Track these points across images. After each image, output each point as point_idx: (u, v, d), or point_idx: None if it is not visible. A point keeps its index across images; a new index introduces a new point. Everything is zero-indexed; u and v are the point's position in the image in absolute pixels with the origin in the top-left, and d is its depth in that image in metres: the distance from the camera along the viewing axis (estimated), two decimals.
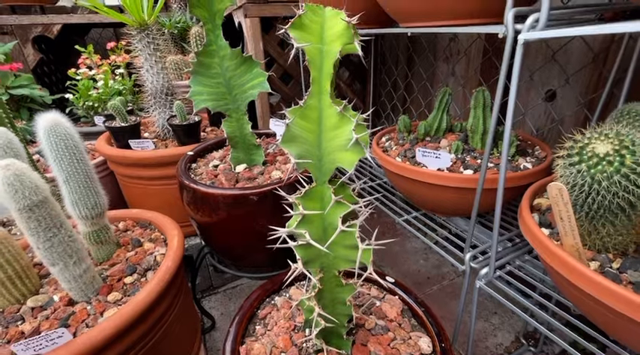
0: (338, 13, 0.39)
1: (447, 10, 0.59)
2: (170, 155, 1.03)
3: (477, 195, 0.64)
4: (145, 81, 1.11)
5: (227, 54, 0.76)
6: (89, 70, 1.67)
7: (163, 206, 1.11)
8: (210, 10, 0.71)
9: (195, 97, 0.79)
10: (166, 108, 1.14)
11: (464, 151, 0.78)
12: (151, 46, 1.06)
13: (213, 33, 0.74)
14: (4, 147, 0.67)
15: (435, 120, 0.88)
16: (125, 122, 1.07)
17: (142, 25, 1.02)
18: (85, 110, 1.52)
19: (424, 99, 1.32)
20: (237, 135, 0.87)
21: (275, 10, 1.20)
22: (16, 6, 1.77)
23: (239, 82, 0.80)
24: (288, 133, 0.42)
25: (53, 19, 1.88)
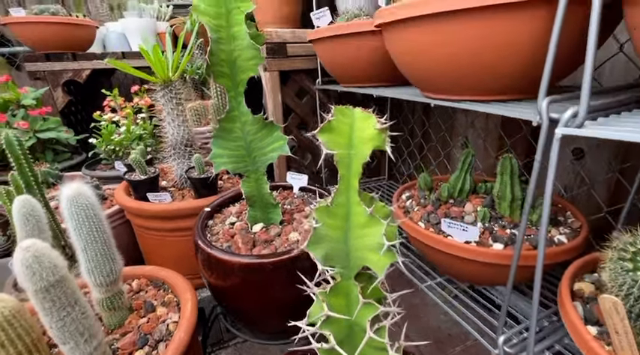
0: (369, 117, 0.38)
1: (474, 86, 0.58)
2: (187, 208, 1.02)
3: (511, 273, 0.59)
4: (166, 133, 1.14)
5: (249, 120, 0.77)
6: (113, 113, 1.74)
7: (178, 257, 1.10)
8: (234, 79, 0.73)
9: (215, 160, 0.80)
10: (185, 158, 1.16)
11: (491, 219, 0.74)
12: (174, 101, 1.09)
13: (235, 100, 0.75)
14: (27, 216, 0.68)
15: (457, 181, 0.85)
16: (144, 174, 1.08)
17: (166, 82, 1.06)
18: (107, 153, 1.56)
19: (443, 148, 1.31)
20: (255, 195, 0.86)
21: (294, 64, 1.23)
22: (51, 54, 1.89)
23: (259, 145, 0.80)
24: (315, 236, 0.40)
25: (83, 65, 1.99)
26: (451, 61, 0.55)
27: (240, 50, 0.69)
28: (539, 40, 0.48)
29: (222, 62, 0.70)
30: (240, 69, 0.71)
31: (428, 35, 0.54)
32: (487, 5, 0.45)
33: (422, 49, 0.57)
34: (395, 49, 0.67)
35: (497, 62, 0.52)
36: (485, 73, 0.54)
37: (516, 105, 0.57)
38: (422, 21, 0.52)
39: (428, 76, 0.63)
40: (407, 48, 0.61)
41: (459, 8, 0.47)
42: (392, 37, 0.64)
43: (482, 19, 0.47)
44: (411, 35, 0.56)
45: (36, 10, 1.76)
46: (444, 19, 0.50)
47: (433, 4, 0.49)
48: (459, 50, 0.53)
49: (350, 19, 1.00)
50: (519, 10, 0.45)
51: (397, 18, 0.56)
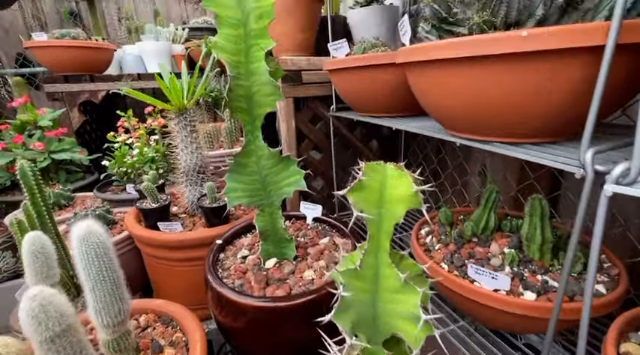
0: (402, 176, 0.35)
1: (504, 128, 0.55)
2: (198, 238, 1.00)
3: (550, 327, 0.54)
4: (179, 159, 1.13)
5: (265, 154, 0.75)
6: (126, 133, 1.75)
7: (187, 287, 1.07)
8: (251, 114, 0.71)
9: (229, 194, 0.77)
10: (197, 185, 1.14)
11: (520, 262, 0.70)
12: (188, 128, 1.08)
13: (252, 134, 0.73)
14: (36, 253, 0.66)
15: (481, 218, 0.81)
16: (156, 202, 1.06)
17: (181, 110, 1.06)
18: (119, 175, 1.56)
19: (460, 176, 1.27)
20: (269, 229, 0.83)
21: (308, 91, 1.22)
22: (70, 76, 1.93)
23: (275, 179, 0.78)
24: (343, 304, 0.36)
25: (99, 86, 2.03)
26: (480, 103, 0.52)
27: (259, 85, 0.68)
28: (578, 84, 0.45)
29: (239, 97, 0.69)
30: (258, 104, 0.70)
31: (457, 77, 0.52)
32: (524, 52, 0.43)
33: (449, 90, 0.55)
34: (418, 86, 0.64)
35: (531, 106, 0.49)
36: (517, 115, 0.51)
37: (551, 148, 0.53)
38: (452, 63, 0.50)
39: (454, 116, 0.60)
40: (432, 87, 0.59)
41: (493, 53, 0.45)
42: (415, 75, 0.62)
43: (517, 64, 0.45)
44: (438, 76, 0.54)
45: (57, 34, 1.81)
46: (477, 62, 0.47)
47: (465, 47, 0.47)
48: (489, 93, 0.50)
49: (367, 49, 0.99)
50: (558, 57, 0.43)
51: (424, 59, 0.54)
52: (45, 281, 0.68)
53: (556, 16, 0.49)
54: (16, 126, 1.65)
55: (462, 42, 0.47)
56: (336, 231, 0.99)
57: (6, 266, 1.47)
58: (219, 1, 0.62)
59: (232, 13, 0.63)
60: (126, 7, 2.51)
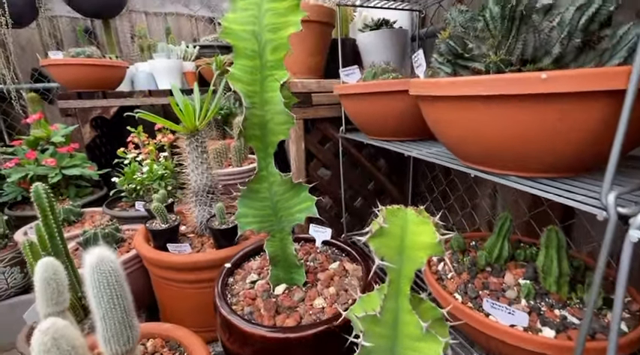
0: (425, 223, 0.35)
1: (520, 162, 0.55)
2: (206, 261, 0.99)
3: None
4: (189, 179, 1.14)
5: (277, 180, 0.75)
6: (136, 149, 1.77)
7: (195, 309, 1.06)
8: (264, 141, 0.72)
9: (240, 219, 0.77)
10: (207, 205, 1.14)
11: (536, 295, 0.68)
12: (199, 149, 1.09)
13: (264, 160, 0.74)
14: (49, 280, 0.66)
15: (494, 247, 0.80)
16: (165, 222, 1.07)
17: (193, 131, 1.07)
18: (128, 191, 1.57)
19: (470, 199, 1.26)
20: (279, 255, 0.82)
21: (318, 113, 1.23)
22: (83, 92, 1.97)
23: (286, 205, 0.78)
24: (363, 351, 0.35)
25: (111, 102, 2.07)
26: (496, 138, 0.52)
27: (273, 114, 0.69)
28: (597, 125, 0.45)
29: (253, 125, 0.70)
30: (272, 132, 0.71)
31: (472, 112, 0.52)
32: (545, 93, 0.43)
33: (464, 124, 0.55)
34: (432, 118, 0.64)
35: (548, 143, 0.49)
36: (533, 151, 0.51)
37: (569, 184, 0.53)
38: (467, 100, 0.50)
39: (468, 149, 0.60)
40: (446, 120, 0.59)
41: (511, 94, 0.45)
42: (429, 107, 0.62)
43: (535, 104, 0.45)
44: (453, 110, 0.54)
45: (73, 53, 1.86)
46: (494, 101, 0.48)
47: (482, 86, 0.47)
48: (506, 129, 0.50)
49: (377, 74, 1.00)
50: (578, 99, 0.42)
51: (439, 94, 0.54)
52: (55, 307, 0.68)
53: (572, 55, 0.49)
54: (30, 142, 1.68)
55: (479, 80, 0.48)
56: (345, 254, 0.98)
57: (14, 282, 1.47)
58: (236, 34, 0.64)
59: (249, 45, 0.64)
60: (139, 25, 2.58)
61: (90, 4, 2.10)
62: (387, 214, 0.35)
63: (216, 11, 2.96)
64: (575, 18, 0.46)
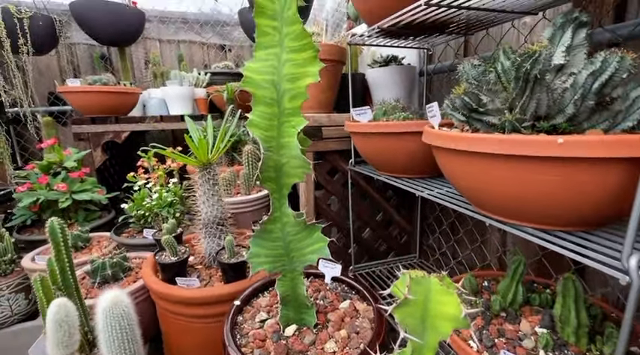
0: (449, 294, 0.35)
1: (538, 215, 0.55)
2: (215, 296, 0.98)
3: None
4: (200, 211, 1.14)
5: (290, 221, 0.75)
6: (146, 173, 1.79)
7: (202, 344, 1.04)
8: (279, 183, 0.73)
9: (252, 259, 0.77)
10: (216, 237, 1.15)
11: (555, 347, 0.66)
12: (211, 182, 1.11)
13: (278, 201, 0.75)
14: (60, 322, 0.66)
15: (508, 291, 0.78)
16: (174, 255, 1.07)
17: (205, 165, 1.09)
18: (137, 217, 1.58)
19: (480, 234, 1.25)
20: (290, 295, 0.82)
21: (328, 146, 1.25)
22: (96, 117, 2.02)
23: (298, 246, 0.78)
24: None
25: (123, 127, 2.11)
26: (511, 193, 0.53)
27: (289, 158, 0.70)
28: (616, 187, 0.45)
29: (269, 168, 0.71)
30: (287, 174, 0.72)
31: (487, 167, 0.52)
32: (571, 157, 0.43)
33: (478, 177, 0.55)
34: (446, 167, 0.65)
35: (565, 201, 0.49)
36: (550, 207, 0.51)
37: (587, 239, 0.53)
38: (487, 157, 0.51)
39: (485, 200, 0.61)
40: (460, 171, 0.60)
41: (527, 155, 0.46)
42: (443, 156, 0.63)
43: (552, 165, 0.46)
44: (467, 163, 0.55)
45: (90, 80, 1.93)
46: (510, 159, 0.48)
47: (498, 146, 0.48)
48: (522, 186, 0.50)
49: (387, 112, 1.02)
50: (596, 163, 0.43)
51: (454, 148, 0.55)
52: (65, 350, 0.67)
53: (586, 115, 0.51)
54: (43, 167, 1.72)
55: (498, 140, 0.49)
56: (355, 292, 0.97)
57: (18, 309, 1.46)
58: (256, 83, 0.66)
59: (268, 94, 0.66)
60: (153, 52, 2.67)
61: (108, 34, 2.19)
62: (412, 285, 0.35)
63: (227, 39, 3.07)
64: (588, 82, 0.47)
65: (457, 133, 0.55)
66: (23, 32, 1.96)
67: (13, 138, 2.59)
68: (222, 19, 2.98)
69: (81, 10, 2.12)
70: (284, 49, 0.66)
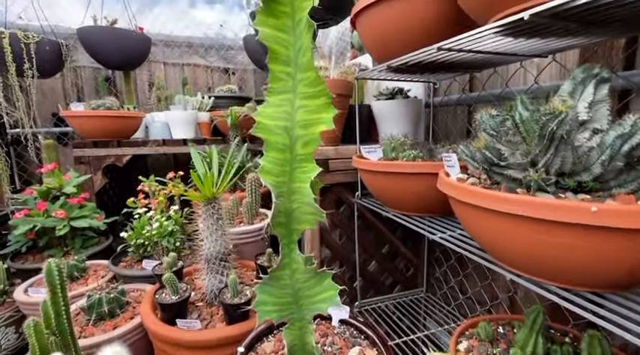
0: None
1: (568, 277, 0.52)
2: (217, 339, 0.94)
3: None
4: (202, 246, 1.11)
5: (300, 268, 0.72)
6: (145, 198, 1.76)
7: None
8: (289, 228, 0.70)
9: (259, 307, 0.73)
10: (218, 273, 1.11)
11: None
12: (215, 216, 1.08)
13: (288, 247, 0.72)
14: None
15: (527, 342, 0.75)
16: (175, 293, 1.02)
17: (210, 200, 1.06)
18: (136, 247, 1.54)
19: (491, 272, 1.21)
20: (297, 344, 0.77)
21: (334, 178, 1.24)
22: (99, 141, 2.01)
23: (307, 293, 0.74)
24: None
25: (125, 151, 2.10)
26: (538, 253, 0.50)
27: (300, 204, 0.68)
28: None
29: (279, 213, 0.69)
30: (297, 220, 0.69)
31: (515, 227, 0.50)
32: (595, 226, 0.41)
33: (504, 237, 0.53)
34: (468, 222, 0.63)
35: (598, 264, 0.47)
36: (579, 269, 0.49)
37: (615, 302, 0.50)
38: (515, 218, 0.49)
39: (506, 254, 0.58)
40: (484, 227, 0.57)
41: (555, 220, 0.44)
42: (465, 211, 0.61)
43: (584, 231, 0.44)
44: (495, 221, 0.53)
45: (94, 105, 1.93)
46: (537, 222, 0.46)
47: (524, 208, 0.46)
48: (546, 248, 0.48)
49: (396, 148, 1.01)
50: (629, 234, 0.41)
51: (475, 203, 0.53)
52: None
53: (613, 174, 0.49)
54: (42, 193, 1.68)
55: (523, 202, 0.47)
56: (365, 337, 0.92)
57: (7, 343, 1.40)
58: (268, 129, 0.65)
59: (280, 140, 0.65)
60: (157, 75, 2.69)
61: (114, 59, 2.21)
62: None
63: (231, 62, 3.11)
64: (616, 143, 0.46)
65: (480, 190, 0.53)
66: (29, 57, 1.97)
67: (12, 160, 2.56)
68: (226, 43, 3.03)
69: (88, 35, 2.15)
70: (297, 95, 0.65)
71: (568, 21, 0.56)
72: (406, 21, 0.88)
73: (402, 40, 0.91)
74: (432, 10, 0.85)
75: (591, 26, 0.60)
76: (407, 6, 0.87)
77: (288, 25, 0.64)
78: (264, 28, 0.62)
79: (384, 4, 0.88)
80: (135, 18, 2.53)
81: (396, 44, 0.91)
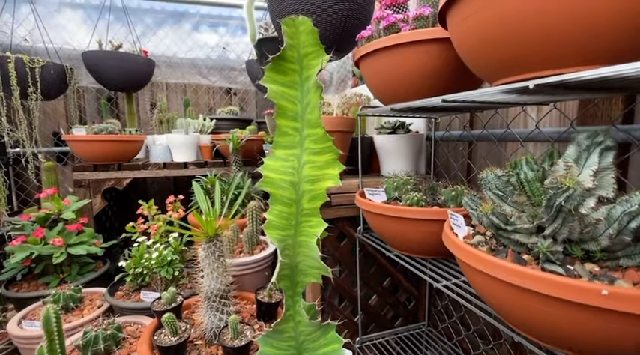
0: None
1: (575, 344, 0.51)
2: None
3: None
4: (202, 284, 1.09)
5: (303, 320, 0.71)
6: (145, 223, 1.74)
7: None
8: (293, 281, 0.70)
9: None
10: (218, 311, 1.09)
11: None
12: (216, 254, 1.07)
13: (292, 299, 0.71)
14: None
15: None
16: (175, 334, 1.00)
17: (212, 238, 1.06)
18: (134, 276, 1.52)
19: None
20: None
21: (337, 213, 1.23)
22: (99, 165, 2.01)
23: (311, 346, 0.73)
24: None
25: (125, 174, 2.10)
26: (553, 324, 0.50)
27: (304, 256, 0.68)
28: None
29: (284, 266, 0.68)
30: (302, 273, 0.69)
31: (527, 300, 0.50)
32: (605, 309, 0.41)
33: (516, 305, 0.53)
34: (474, 281, 0.62)
35: (612, 341, 0.46)
36: (596, 342, 0.48)
37: None
38: (525, 291, 0.49)
39: (518, 321, 0.58)
40: (494, 293, 0.57)
41: (571, 300, 0.44)
42: (478, 278, 0.60)
43: (606, 314, 0.43)
44: (504, 290, 0.53)
45: (96, 129, 1.93)
46: (556, 301, 0.46)
47: (537, 283, 0.46)
48: (567, 323, 0.48)
49: (399, 187, 1.01)
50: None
51: (486, 272, 0.53)
52: None
53: (620, 246, 0.49)
54: (40, 219, 1.67)
55: (531, 276, 0.47)
56: None
57: None
58: (275, 183, 0.65)
59: (286, 194, 0.65)
60: (160, 97, 2.72)
61: (118, 82, 2.24)
62: None
63: (233, 83, 3.14)
64: (624, 219, 0.46)
65: (488, 258, 0.53)
66: (34, 81, 1.99)
67: (11, 179, 2.55)
68: (229, 64, 3.07)
69: (93, 59, 2.18)
70: (304, 150, 0.65)
71: (570, 89, 0.58)
72: (410, 66, 0.90)
73: (406, 85, 0.93)
74: (434, 58, 0.87)
75: (592, 90, 0.61)
76: (410, 53, 0.89)
77: (296, 81, 0.65)
78: (273, 85, 0.63)
79: (388, 51, 0.90)
80: (139, 41, 2.57)
81: (400, 88, 0.92)
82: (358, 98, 1.54)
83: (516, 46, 0.55)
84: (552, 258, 0.49)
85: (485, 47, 0.60)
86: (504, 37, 0.56)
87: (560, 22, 0.50)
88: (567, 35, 0.50)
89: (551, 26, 0.51)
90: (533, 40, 0.53)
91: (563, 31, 0.50)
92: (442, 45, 0.82)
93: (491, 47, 0.59)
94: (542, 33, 0.52)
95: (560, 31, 0.50)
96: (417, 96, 0.90)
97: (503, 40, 0.56)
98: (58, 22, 2.45)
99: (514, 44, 0.56)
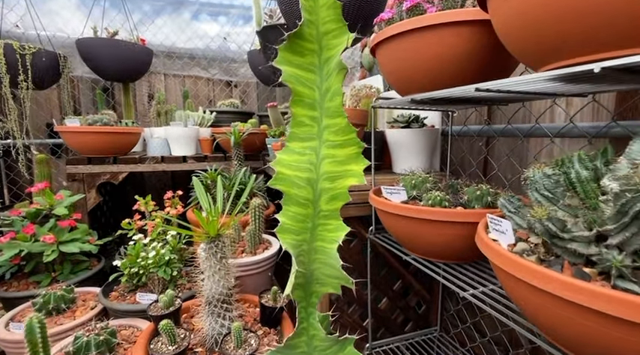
0: None
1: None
2: None
3: None
4: (203, 287, 1.01)
5: (318, 334, 0.63)
6: (142, 220, 1.66)
7: None
8: (307, 290, 0.62)
9: None
10: (220, 317, 1.01)
11: None
12: (218, 255, 0.99)
13: (305, 311, 0.63)
14: None
15: None
16: (173, 344, 0.93)
17: (213, 238, 0.98)
18: (129, 276, 1.44)
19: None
20: None
21: (347, 212, 1.16)
22: (93, 158, 1.92)
23: None
24: None
25: (122, 168, 2.01)
26: (610, 347, 0.42)
27: (321, 264, 0.60)
28: None
29: (298, 274, 0.60)
30: (318, 281, 0.61)
31: (583, 320, 0.42)
32: None
33: (571, 324, 0.45)
34: (516, 295, 0.55)
35: None
36: None
37: None
38: (586, 310, 0.41)
39: (565, 339, 0.50)
40: (543, 309, 0.49)
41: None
42: (518, 286, 0.53)
43: None
44: (558, 307, 0.45)
45: (90, 120, 1.84)
46: (624, 323, 0.38)
47: (604, 302, 0.39)
48: (634, 348, 0.40)
49: (417, 186, 0.93)
50: None
51: (536, 285, 0.45)
52: None
53: None
54: (30, 214, 1.58)
55: (606, 296, 0.39)
56: None
57: None
58: (289, 180, 0.57)
59: (302, 193, 0.57)
60: (158, 88, 2.61)
61: (114, 71, 2.14)
62: None
63: (234, 75, 3.04)
64: None
65: (545, 271, 0.45)
66: (25, 68, 1.88)
67: (2, 172, 2.46)
68: (229, 55, 2.96)
69: (88, 46, 2.07)
70: (323, 142, 0.57)
71: (636, 73, 0.49)
72: (435, 53, 0.81)
73: (432, 73, 0.84)
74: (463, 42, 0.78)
75: None
76: (435, 37, 0.80)
77: (315, 63, 0.56)
78: (288, 66, 0.55)
79: (412, 34, 0.82)
80: (136, 29, 2.46)
81: (426, 77, 0.84)
82: (368, 90, 1.45)
83: (579, 23, 0.47)
84: (626, 273, 0.41)
85: (541, 27, 0.51)
86: (565, 14, 0.47)
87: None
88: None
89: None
90: (600, 20, 0.45)
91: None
92: (475, 27, 0.73)
93: (548, 27, 0.50)
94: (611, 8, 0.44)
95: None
96: (439, 85, 0.81)
97: (564, 19, 0.48)
98: (50, 7, 2.33)
99: (576, 22, 0.47)
